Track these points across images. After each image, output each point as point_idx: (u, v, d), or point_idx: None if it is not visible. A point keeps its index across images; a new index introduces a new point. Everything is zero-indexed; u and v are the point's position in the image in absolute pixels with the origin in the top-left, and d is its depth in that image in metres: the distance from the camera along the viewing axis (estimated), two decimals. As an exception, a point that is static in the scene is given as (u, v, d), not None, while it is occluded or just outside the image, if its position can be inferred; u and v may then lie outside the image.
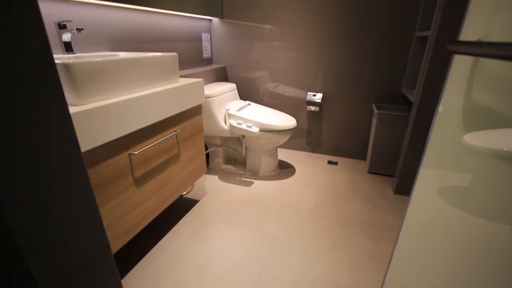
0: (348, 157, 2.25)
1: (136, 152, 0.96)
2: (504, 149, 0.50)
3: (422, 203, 0.83)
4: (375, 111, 1.81)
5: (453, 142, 0.65)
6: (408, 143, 1.56)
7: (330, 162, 2.17)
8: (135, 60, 0.98)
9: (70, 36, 1.08)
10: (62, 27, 1.06)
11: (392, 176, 1.94)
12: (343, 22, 1.87)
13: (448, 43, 0.52)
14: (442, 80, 0.73)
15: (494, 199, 0.50)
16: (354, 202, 1.63)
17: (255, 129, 1.66)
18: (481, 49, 0.39)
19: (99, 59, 0.84)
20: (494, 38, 0.51)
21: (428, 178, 0.81)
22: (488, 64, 0.53)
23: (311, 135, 2.29)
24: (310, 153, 2.34)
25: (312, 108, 2.10)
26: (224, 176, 1.94)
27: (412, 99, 1.57)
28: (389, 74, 1.89)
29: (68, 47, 1.09)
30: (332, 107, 2.13)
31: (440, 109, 0.73)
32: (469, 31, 0.60)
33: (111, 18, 1.30)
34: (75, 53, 1.12)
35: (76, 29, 1.06)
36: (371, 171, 1.98)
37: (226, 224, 1.42)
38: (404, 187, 1.68)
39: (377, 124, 1.79)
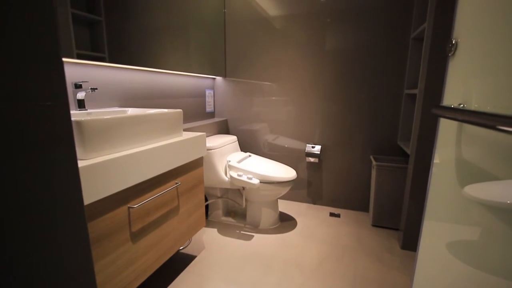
0: (350, 208, 2.21)
1: (135, 206, 0.96)
2: (508, 202, 0.50)
3: (430, 260, 0.79)
4: (374, 162, 1.84)
5: (454, 194, 0.66)
6: (409, 196, 1.55)
7: (332, 214, 2.12)
8: (142, 117, 1.04)
9: (84, 95, 1.17)
10: (78, 86, 1.16)
11: (397, 229, 1.87)
12: (337, 78, 2.03)
13: (433, 107, 0.56)
14: (434, 134, 0.77)
15: (504, 253, 0.49)
16: (360, 258, 1.55)
17: (256, 181, 1.67)
18: (464, 116, 0.43)
19: (109, 116, 0.89)
20: (474, 102, 0.56)
21: (433, 232, 0.79)
22: (471, 126, 0.57)
23: (311, 186, 2.28)
24: (311, 205, 2.29)
25: (312, 159, 2.13)
26: (224, 229, 1.87)
27: (409, 152, 1.61)
28: (384, 127, 1.98)
29: (81, 104, 1.17)
30: (331, 158, 2.17)
31: (436, 160, 0.75)
32: (451, 94, 0.66)
33: (122, 77, 1.42)
34: (86, 109, 1.19)
35: (91, 88, 1.15)
36: (375, 224, 1.92)
37: (225, 283, 1.32)
38: (411, 242, 1.61)
39: (377, 175, 1.80)
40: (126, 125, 0.95)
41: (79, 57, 1.14)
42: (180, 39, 1.73)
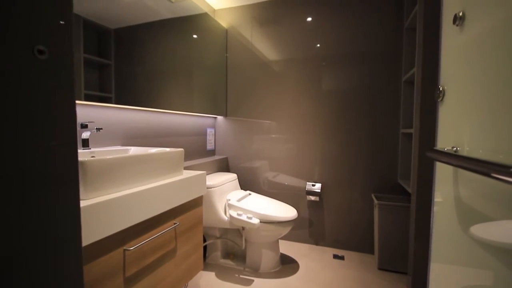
0: (355, 250, 2.11)
1: (131, 248, 0.93)
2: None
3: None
4: (376, 201, 1.81)
5: (458, 234, 0.64)
6: (414, 236, 1.50)
7: (336, 257, 2.02)
8: (144, 157, 1.06)
9: (89, 134, 1.20)
10: (83, 126, 1.20)
11: (405, 273, 1.78)
12: (335, 117, 2.09)
13: (428, 150, 0.58)
14: (433, 173, 0.78)
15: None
16: (367, 306, 1.44)
17: (256, 221, 1.63)
18: (458, 161, 0.45)
19: (111, 156, 0.91)
20: (466, 144, 0.58)
21: (441, 276, 0.76)
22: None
23: (313, 226, 2.21)
24: (314, 246, 2.20)
25: (312, 198, 2.10)
26: (222, 272, 1.78)
27: (409, 190, 1.60)
28: (383, 165, 1.99)
29: (85, 143, 1.19)
30: (332, 197, 2.14)
31: (437, 199, 0.75)
32: (444, 137, 0.69)
33: (126, 117, 1.47)
34: (90, 148, 1.22)
35: (96, 128, 1.19)
36: (381, 268, 1.82)
37: (222, 337, 1.21)
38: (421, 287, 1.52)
39: (379, 214, 1.77)
40: (128, 165, 0.97)
41: (87, 97, 1.20)
42: (184, 81, 1.83)
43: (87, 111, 1.25)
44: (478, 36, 0.54)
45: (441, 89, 0.67)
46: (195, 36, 1.93)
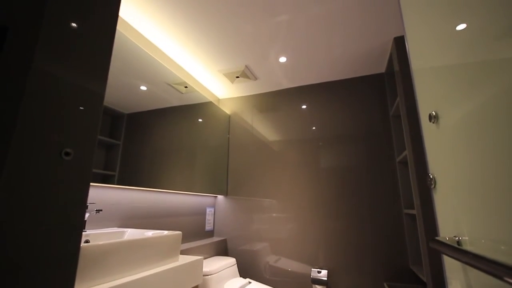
0: None
1: None
2: None
3: None
4: (389, 292, 1.63)
5: None
6: (439, 338, 1.30)
7: None
8: (139, 242, 1.02)
9: (87, 216, 1.19)
10: (84, 208, 1.19)
11: None
12: (335, 195, 2.08)
13: (430, 240, 0.58)
14: (442, 262, 0.74)
15: None
16: None
17: (256, 316, 1.44)
18: (465, 257, 0.44)
19: (105, 242, 0.88)
20: (465, 233, 0.58)
21: None
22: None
23: (321, 322, 1.93)
24: None
25: (319, 287, 1.90)
26: None
27: (424, 278, 1.47)
28: (391, 248, 1.87)
29: (81, 226, 1.17)
30: (341, 286, 1.94)
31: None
32: (445, 224, 0.69)
33: (126, 197, 1.48)
34: (85, 231, 1.18)
35: (96, 210, 1.18)
36: None
37: None
38: None
39: (395, 309, 1.57)
40: (122, 251, 0.93)
41: (92, 176, 1.24)
42: (187, 160, 1.90)
43: (89, 192, 1.27)
44: (454, 129, 0.60)
45: (431, 176, 0.71)
46: (200, 120, 2.12)
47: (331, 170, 2.16)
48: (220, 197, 2.41)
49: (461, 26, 0.58)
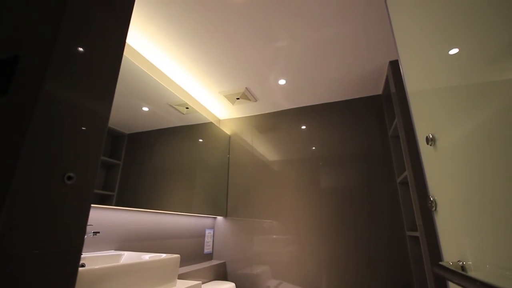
0: None
1: None
2: None
3: None
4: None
5: None
6: None
7: None
8: (136, 266, 0.99)
9: (84, 238, 1.16)
10: (81, 230, 1.17)
11: None
12: (337, 216, 2.05)
13: (434, 266, 0.57)
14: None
15: None
16: None
17: None
18: (473, 286, 0.43)
19: (101, 266, 0.86)
20: (469, 257, 0.57)
21: None
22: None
23: None
24: None
25: (321, 314, 1.82)
26: None
27: (431, 305, 1.41)
28: (395, 272, 1.81)
29: (77, 249, 1.14)
30: (344, 313, 1.86)
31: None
32: (448, 248, 0.67)
33: (124, 218, 1.45)
34: (81, 254, 1.15)
35: (93, 232, 1.16)
36: None
37: None
38: None
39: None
40: (118, 275, 0.90)
41: (92, 202, 1.22)
42: (187, 181, 1.89)
43: (88, 214, 1.25)
44: (451, 152, 0.61)
45: (432, 199, 0.71)
46: (200, 140, 2.13)
47: (331, 190, 2.14)
48: (219, 218, 2.37)
49: (453, 51, 0.60)
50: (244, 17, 1.43)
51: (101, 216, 1.32)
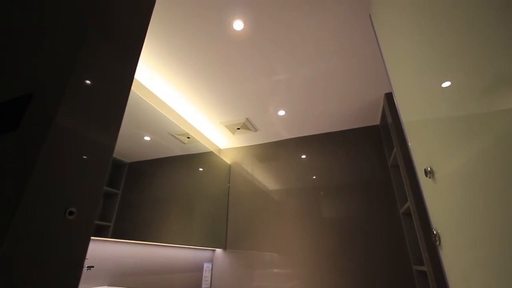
0: None
1: None
2: None
3: None
4: None
5: None
6: None
7: None
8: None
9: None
10: (74, 264, 1.13)
11: None
12: (339, 248, 1.97)
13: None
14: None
15: None
16: None
17: None
18: None
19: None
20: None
21: None
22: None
23: None
24: None
25: None
26: None
27: None
28: (404, 311, 1.71)
29: (69, 285, 1.09)
30: None
31: None
32: (455, 280, 0.65)
33: (120, 250, 1.40)
34: (73, 291, 1.10)
35: (87, 267, 1.12)
36: None
37: None
38: None
39: None
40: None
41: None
42: (186, 211, 1.86)
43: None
44: (450, 183, 0.61)
45: (435, 232, 0.69)
46: (201, 169, 2.13)
47: (333, 220, 2.09)
48: (218, 250, 2.29)
49: (445, 84, 0.63)
50: (244, 53, 1.51)
51: (96, 249, 1.28)
